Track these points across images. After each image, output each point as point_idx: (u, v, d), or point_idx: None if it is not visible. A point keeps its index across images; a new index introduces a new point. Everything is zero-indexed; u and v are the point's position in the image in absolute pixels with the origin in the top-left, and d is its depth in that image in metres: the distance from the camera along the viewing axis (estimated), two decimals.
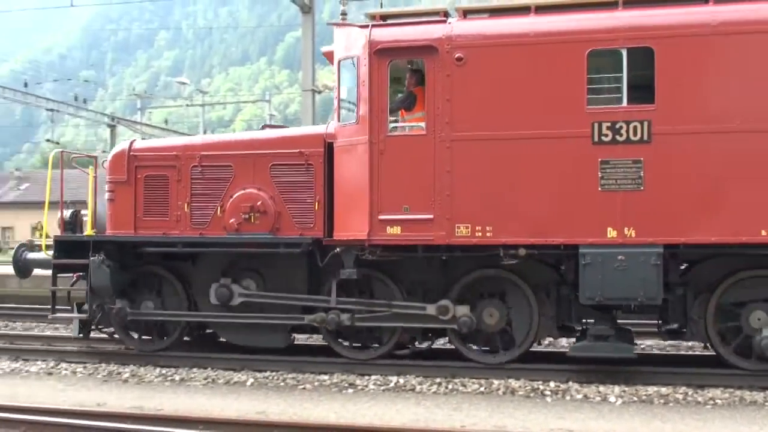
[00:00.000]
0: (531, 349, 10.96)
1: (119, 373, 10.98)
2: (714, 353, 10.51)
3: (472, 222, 10.38)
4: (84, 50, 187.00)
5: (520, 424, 8.20)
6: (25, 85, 43.08)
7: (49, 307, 12.20)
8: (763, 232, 9.59)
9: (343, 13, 11.39)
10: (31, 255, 12.60)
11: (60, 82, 61.95)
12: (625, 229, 9.98)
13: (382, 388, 10.03)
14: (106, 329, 12.22)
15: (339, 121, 10.92)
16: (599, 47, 10.13)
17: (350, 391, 9.99)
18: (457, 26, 10.64)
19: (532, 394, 9.65)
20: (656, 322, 10.78)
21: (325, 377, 10.49)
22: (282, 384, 10.38)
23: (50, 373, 11.13)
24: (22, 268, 12.56)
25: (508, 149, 10.35)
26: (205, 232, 11.54)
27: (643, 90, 9.97)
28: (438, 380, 10.20)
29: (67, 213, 12.57)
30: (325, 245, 10.93)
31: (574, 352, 10.28)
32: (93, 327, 12.19)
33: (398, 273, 11.08)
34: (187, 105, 59.90)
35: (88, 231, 12.25)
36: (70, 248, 11.97)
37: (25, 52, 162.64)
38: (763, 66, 9.63)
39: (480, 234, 10.33)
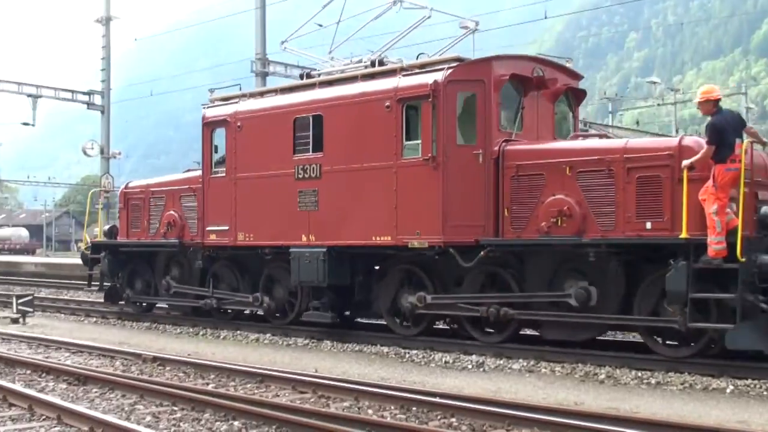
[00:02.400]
0: None
1: (595, 374, 11.17)
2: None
3: (245, 231, 15.72)
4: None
5: None
6: None
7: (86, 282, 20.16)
8: (374, 238, 13.67)
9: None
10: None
11: None
12: (310, 236, 14.58)
13: None
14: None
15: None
16: (299, 115, 14.94)
17: None
18: (240, 105, 16.18)
19: None
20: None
21: None
22: (765, 393, 9.83)
23: (531, 371, 11.66)
24: (84, 260, 20.09)
25: (259, 184, 15.51)
26: (154, 238, 18.07)
27: (319, 143, 14.54)
28: None
29: (106, 227, 20.20)
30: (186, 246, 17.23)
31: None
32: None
33: (246, 265, 16.52)
34: (658, 104, 58.79)
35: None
36: (97, 249, 19.44)
37: None
38: (373, 122, 13.77)
39: (249, 239, 15.66)
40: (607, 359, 11.71)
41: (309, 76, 15.98)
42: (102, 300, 20.28)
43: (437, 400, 8.97)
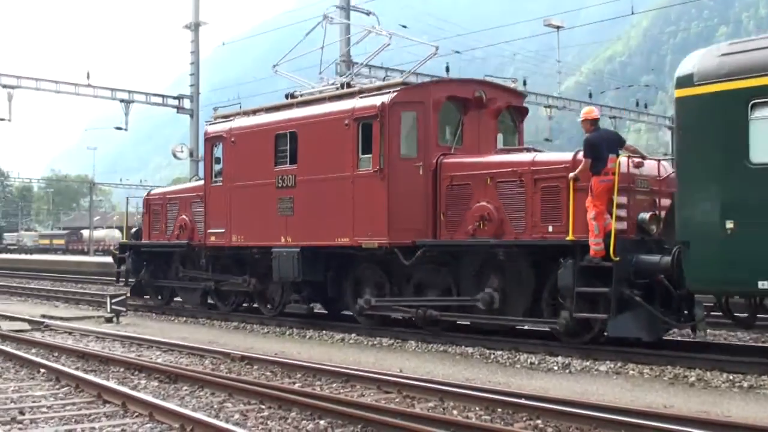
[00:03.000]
0: None
1: (685, 377, 10.95)
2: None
3: (237, 233, 17.87)
4: (644, 55, 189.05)
5: None
6: (590, 95, 44.91)
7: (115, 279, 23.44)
8: (336, 239, 15.63)
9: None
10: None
11: (621, 89, 63.37)
12: (288, 237, 16.62)
13: None
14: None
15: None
16: (278, 132, 17.07)
17: None
18: (234, 122, 18.41)
19: None
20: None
21: None
22: None
23: (618, 373, 11.50)
24: (114, 259, 23.29)
25: (248, 192, 17.65)
26: (170, 239, 20.78)
27: (294, 156, 16.65)
28: None
29: (134, 229, 22.99)
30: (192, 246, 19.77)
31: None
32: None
33: (242, 263, 18.55)
34: None
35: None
36: (123, 249, 22.33)
37: (589, 64, 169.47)
38: (336, 138, 15.66)
39: (241, 240, 17.85)
40: (698, 361, 11.46)
41: (292, 96, 17.91)
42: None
43: (522, 401, 8.92)
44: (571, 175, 12.52)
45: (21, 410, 8.80)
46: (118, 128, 41.31)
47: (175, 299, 21.53)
